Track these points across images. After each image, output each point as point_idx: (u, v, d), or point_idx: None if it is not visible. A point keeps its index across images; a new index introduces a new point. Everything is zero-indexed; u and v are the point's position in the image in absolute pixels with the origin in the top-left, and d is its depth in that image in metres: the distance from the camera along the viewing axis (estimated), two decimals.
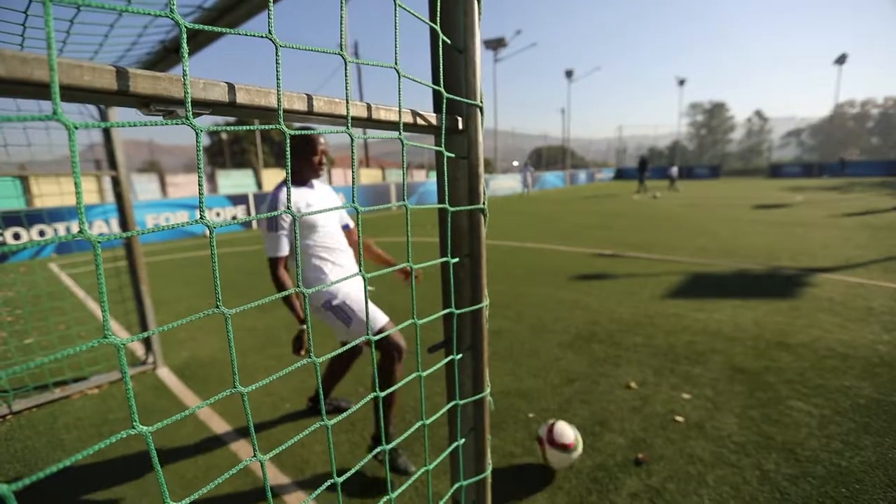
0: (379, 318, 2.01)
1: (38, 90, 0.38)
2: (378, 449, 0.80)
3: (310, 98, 0.60)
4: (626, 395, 2.52)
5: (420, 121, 0.76)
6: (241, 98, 0.52)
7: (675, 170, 22.05)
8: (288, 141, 0.56)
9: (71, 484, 2.00)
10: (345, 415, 0.73)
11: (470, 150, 0.85)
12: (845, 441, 2.03)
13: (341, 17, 0.66)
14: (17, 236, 8.06)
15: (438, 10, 0.77)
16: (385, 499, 0.80)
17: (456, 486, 0.99)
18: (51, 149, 2.87)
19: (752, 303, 3.99)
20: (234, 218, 11.59)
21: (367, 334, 0.72)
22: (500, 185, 22.75)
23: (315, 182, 2.09)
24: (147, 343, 3.22)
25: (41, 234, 8.46)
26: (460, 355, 0.94)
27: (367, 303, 0.75)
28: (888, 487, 1.75)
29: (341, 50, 0.60)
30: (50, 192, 8.86)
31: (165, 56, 2.16)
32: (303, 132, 0.51)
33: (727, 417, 2.26)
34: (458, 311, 0.91)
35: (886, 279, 4.55)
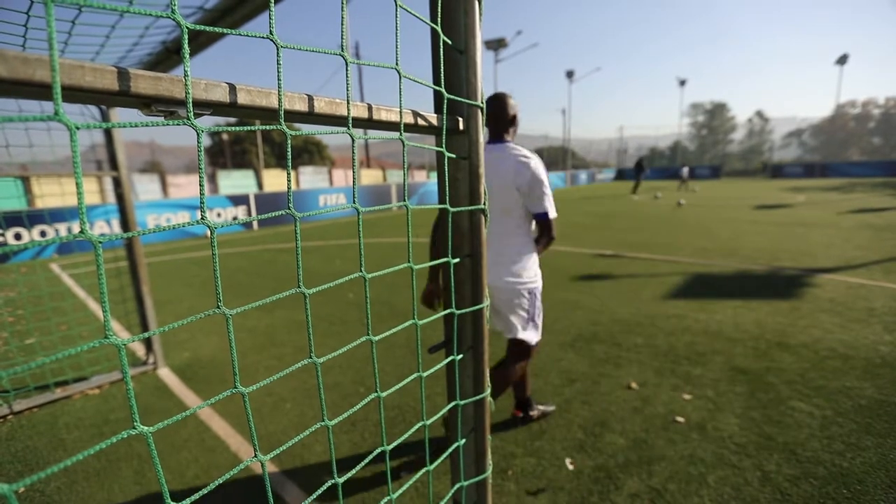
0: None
1: (40, 91, 0.38)
2: (378, 450, 0.80)
3: (311, 99, 0.60)
4: (627, 396, 2.52)
5: (421, 121, 0.76)
6: (242, 99, 0.52)
7: (685, 170, 21.42)
8: (289, 142, 0.56)
9: (71, 483, 2.00)
10: (345, 415, 0.73)
11: (471, 150, 0.85)
12: (847, 442, 2.03)
13: (342, 17, 0.66)
14: (18, 236, 8.07)
15: (439, 10, 0.77)
16: (386, 499, 0.80)
17: (456, 486, 0.99)
18: (53, 149, 2.88)
19: (753, 303, 3.99)
20: (234, 218, 11.59)
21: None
22: None
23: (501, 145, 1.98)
24: (148, 343, 3.22)
25: (42, 234, 8.47)
26: (461, 356, 0.94)
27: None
28: (889, 488, 1.75)
29: (342, 50, 0.60)
30: (51, 193, 8.88)
31: (167, 57, 2.16)
32: (303, 133, 0.51)
33: (728, 418, 2.26)
34: (459, 312, 0.91)
35: (888, 280, 4.54)
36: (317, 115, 0.61)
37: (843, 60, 39.57)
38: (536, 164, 1.90)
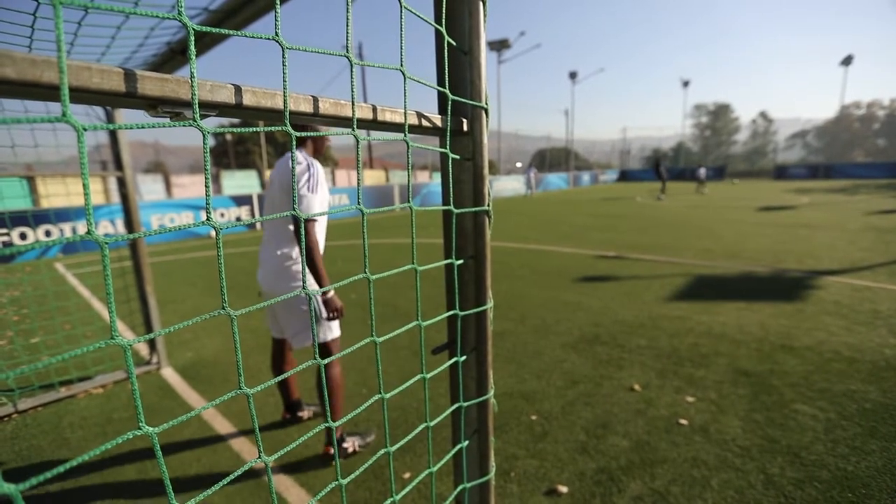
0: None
1: (48, 92, 0.38)
2: (382, 451, 0.80)
3: (315, 100, 0.60)
4: (630, 398, 2.51)
5: (425, 122, 0.76)
6: (248, 100, 0.52)
7: (703, 171, 20.69)
8: (293, 141, 0.57)
9: (75, 482, 2.01)
10: (349, 416, 0.73)
11: (474, 151, 0.85)
12: (851, 445, 2.02)
13: (347, 18, 0.67)
14: (23, 236, 8.12)
15: (444, 11, 0.77)
16: (389, 501, 0.80)
17: (459, 488, 0.99)
18: (58, 150, 2.89)
19: (757, 305, 3.97)
20: (238, 219, 11.63)
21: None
22: (504, 186, 22.74)
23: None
24: (151, 343, 3.23)
25: (47, 234, 8.52)
26: (464, 357, 0.94)
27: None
28: (895, 493, 1.73)
29: (347, 52, 0.60)
30: (56, 193, 8.92)
31: (171, 58, 2.17)
32: (307, 134, 0.51)
33: (731, 421, 2.25)
34: (463, 313, 0.91)
35: (893, 282, 4.51)
36: (321, 116, 0.61)
37: (847, 61, 39.43)
38: (303, 168, 1.89)
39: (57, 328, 3.85)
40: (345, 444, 2.14)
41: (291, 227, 1.97)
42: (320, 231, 1.98)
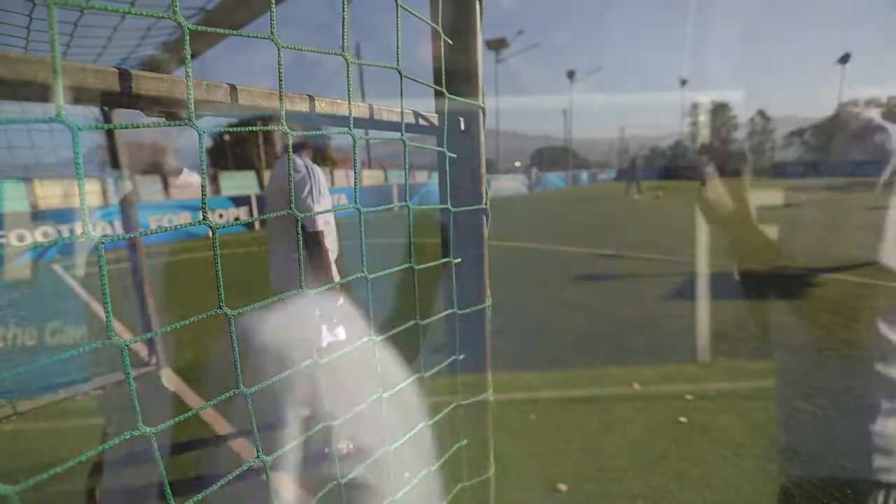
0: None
1: (43, 92, 0.38)
2: (380, 451, 0.80)
3: (312, 99, 0.60)
4: (629, 396, 2.51)
5: (422, 121, 0.76)
6: (244, 99, 0.52)
7: (710, 169, 20.31)
8: (290, 141, 0.56)
9: (73, 484, 2.01)
10: (347, 416, 0.73)
11: (472, 150, 0.85)
12: (850, 442, 2.02)
13: (343, 17, 0.67)
14: (21, 238, 8.10)
15: (440, 10, 0.77)
16: (388, 500, 0.80)
17: (458, 486, 0.99)
18: (55, 151, 2.89)
19: (756, 303, 3.98)
20: (236, 219, 11.61)
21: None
22: (502, 185, 22.76)
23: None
24: (150, 344, 3.23)
25: (45, 235, 8.50)
26: (463, 356, 0.94)
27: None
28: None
29: (343, 51, 0.60)
30: (54, 194, 8.90)
31: (168, 58, 2.17)
32: (304, 133, 0.51)
33: (731, 419, 2.25)
34: (461, 312, 0.91)
35: (890, 279, 4.52)
36: (318, 115, 0.61)
37: (844, 60, 39.52)
38: (303, 177, 1.83)
39: (55, 330, 3.83)
40: (339, 445, 2.13)
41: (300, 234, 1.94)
42: (330, 240, 1.95)
